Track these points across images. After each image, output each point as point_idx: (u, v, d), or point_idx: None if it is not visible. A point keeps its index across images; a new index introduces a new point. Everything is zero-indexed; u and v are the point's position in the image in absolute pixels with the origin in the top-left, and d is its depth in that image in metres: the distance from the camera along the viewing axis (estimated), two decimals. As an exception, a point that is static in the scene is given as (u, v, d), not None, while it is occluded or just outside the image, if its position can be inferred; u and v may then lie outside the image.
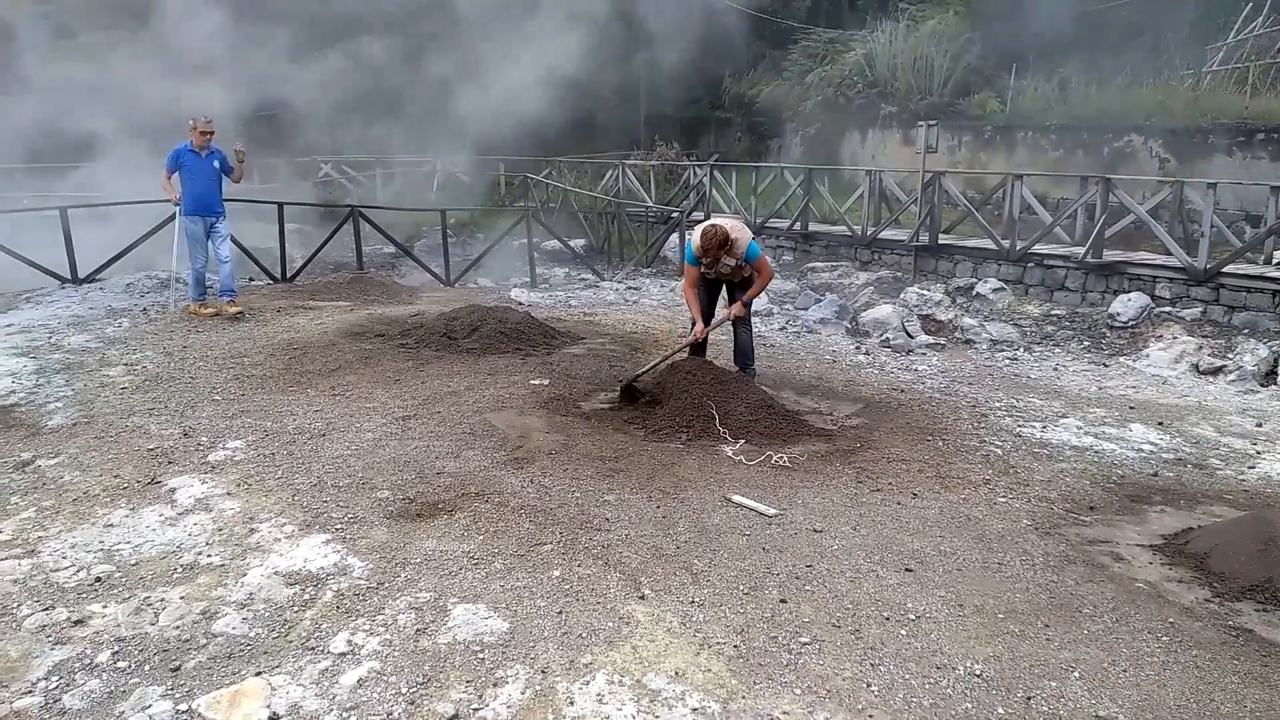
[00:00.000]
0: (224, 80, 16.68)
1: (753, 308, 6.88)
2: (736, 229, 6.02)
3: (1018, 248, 11.31)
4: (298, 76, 18.79)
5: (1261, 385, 7.70)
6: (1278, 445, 5.82)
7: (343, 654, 3.04)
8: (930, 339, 9.33)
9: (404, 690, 2.84)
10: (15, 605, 3.34)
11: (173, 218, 8.85)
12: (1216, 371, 8.04)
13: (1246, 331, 8.87)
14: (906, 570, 3.72)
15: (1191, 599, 3.58)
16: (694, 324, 6.19)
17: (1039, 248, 11.22)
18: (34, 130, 16.95)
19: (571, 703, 2.79)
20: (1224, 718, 2.81)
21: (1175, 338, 8.81)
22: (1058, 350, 9.01)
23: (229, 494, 4.38)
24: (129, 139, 15.54)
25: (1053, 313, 10.35)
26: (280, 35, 18.49)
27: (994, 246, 11.63)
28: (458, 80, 19.48)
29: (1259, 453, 5.64)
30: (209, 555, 3.74)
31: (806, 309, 10.87)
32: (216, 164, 8.49)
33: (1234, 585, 3.62)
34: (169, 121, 12.14)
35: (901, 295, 11.04)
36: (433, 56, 20.23)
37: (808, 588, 3.54)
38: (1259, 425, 6.32)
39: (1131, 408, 6.69)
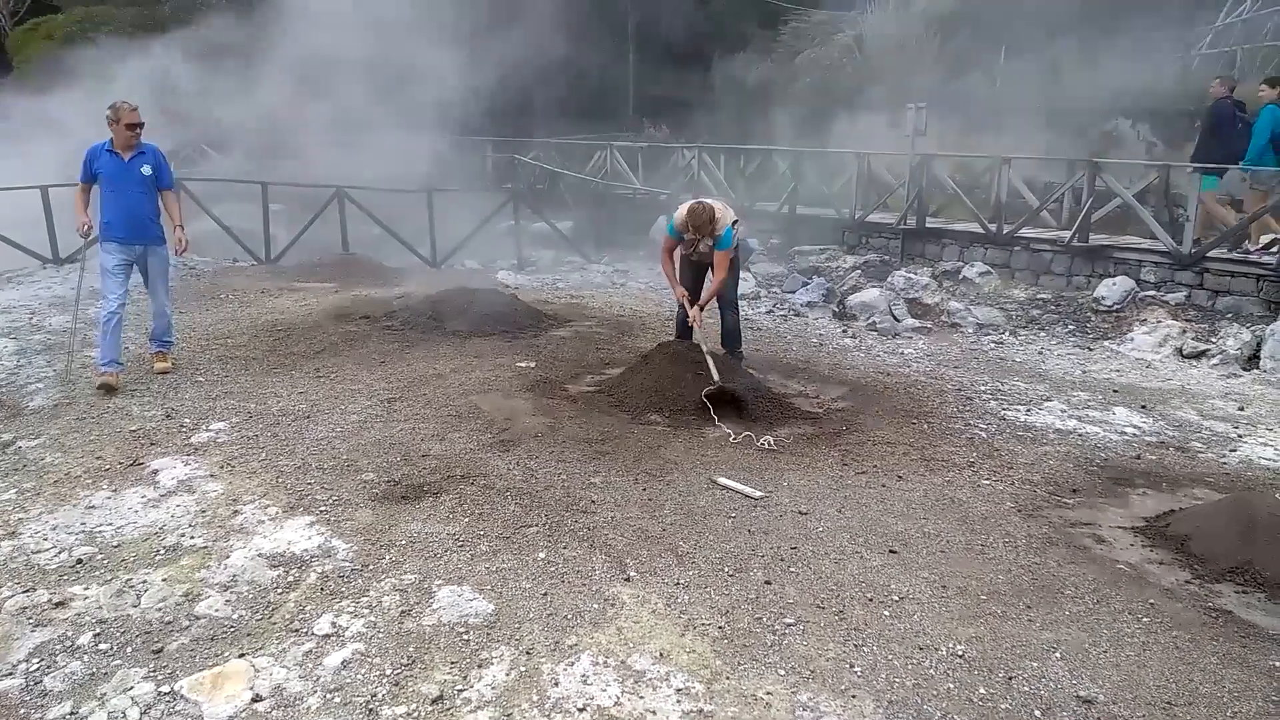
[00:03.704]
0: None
1: (739, 291, 6.87)
2: (721, 211, 5.99)
3: (1004, 231, 11.31)
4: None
5: (1244, 369, 7.75)
6: (1259, 429, 5.86)
7: (327, 636, 3.03)
8: (917, 322, 9.34)
9: (388, 671, 2.83)
10: (-5, 587, 3.32)
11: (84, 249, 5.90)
12: (1200, 355, 8.08)
13: (1230, 316, 8.90)
14: (890, 552, 3.74)
15: (1172, 581, 3.61)
16: (681, 306, 6.20)
17: (1026, 231, 11.21)
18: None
19: (556, 684, 2.79)
20: (1203, 698, 2.85)
21: (1159, 322, 8.84)
22: (1043, 334, 9.04)
23: (212, 476, 4.36)
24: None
25: (1038, 296, 10.37)
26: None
27: (981, 230, 11.61)
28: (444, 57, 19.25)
29: (1240, 436, 5.68)
30: (192, 537, 3.73)
31: (794, 292, 10.85)
32: (148, 169, 5.79)
33: (1214, 567, 3.66)
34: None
35: (888, 279, 11.02)
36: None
37: (792, 569, 3.55)
38: (1241, 409, 6.36)
39: (1115, 391, 6.72)
